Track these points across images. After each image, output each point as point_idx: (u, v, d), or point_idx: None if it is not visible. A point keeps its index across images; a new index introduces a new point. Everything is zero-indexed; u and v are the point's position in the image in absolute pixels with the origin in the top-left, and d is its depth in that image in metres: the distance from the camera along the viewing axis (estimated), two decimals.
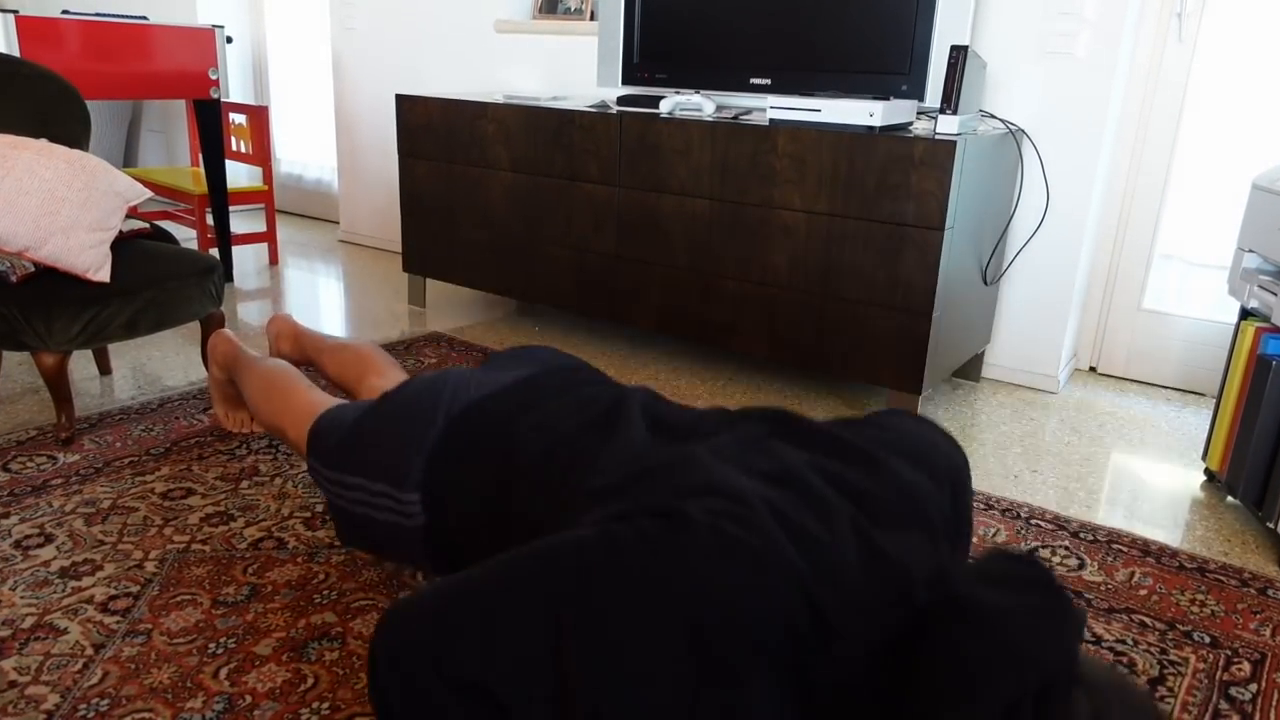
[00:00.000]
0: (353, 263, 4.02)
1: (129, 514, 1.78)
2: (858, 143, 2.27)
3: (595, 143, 2.71)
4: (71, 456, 2.01)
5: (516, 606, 0.91)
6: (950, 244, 2.24)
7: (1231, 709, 1.38)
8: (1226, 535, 1.92)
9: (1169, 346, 2.79)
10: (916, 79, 2.46)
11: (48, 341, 1.96)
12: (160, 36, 3.16)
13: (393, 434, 1.37)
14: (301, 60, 4.85)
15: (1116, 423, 2.52)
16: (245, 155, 3.95)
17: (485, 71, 3.74)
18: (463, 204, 3.10)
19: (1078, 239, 2.64)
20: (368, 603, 1.53)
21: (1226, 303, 2.67)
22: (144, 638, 1.42)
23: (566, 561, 0.92)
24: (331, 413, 1.52)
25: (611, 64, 2.97)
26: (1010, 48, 2.61)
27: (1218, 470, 2.05)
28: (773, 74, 2.68)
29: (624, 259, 2.75)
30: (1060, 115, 2.58)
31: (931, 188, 2.18)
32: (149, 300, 2.09)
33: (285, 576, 1.60)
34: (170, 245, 2.33)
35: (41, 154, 1.99)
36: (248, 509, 1.82)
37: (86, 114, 2.38)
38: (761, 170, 2.42)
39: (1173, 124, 2.66)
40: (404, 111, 3.16)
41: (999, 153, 2.46)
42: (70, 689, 1.30)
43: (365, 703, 1.30)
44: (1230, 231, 2.65)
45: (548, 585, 0.91)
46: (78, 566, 1.60)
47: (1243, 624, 1.59)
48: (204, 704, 1.28)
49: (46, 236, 1.95)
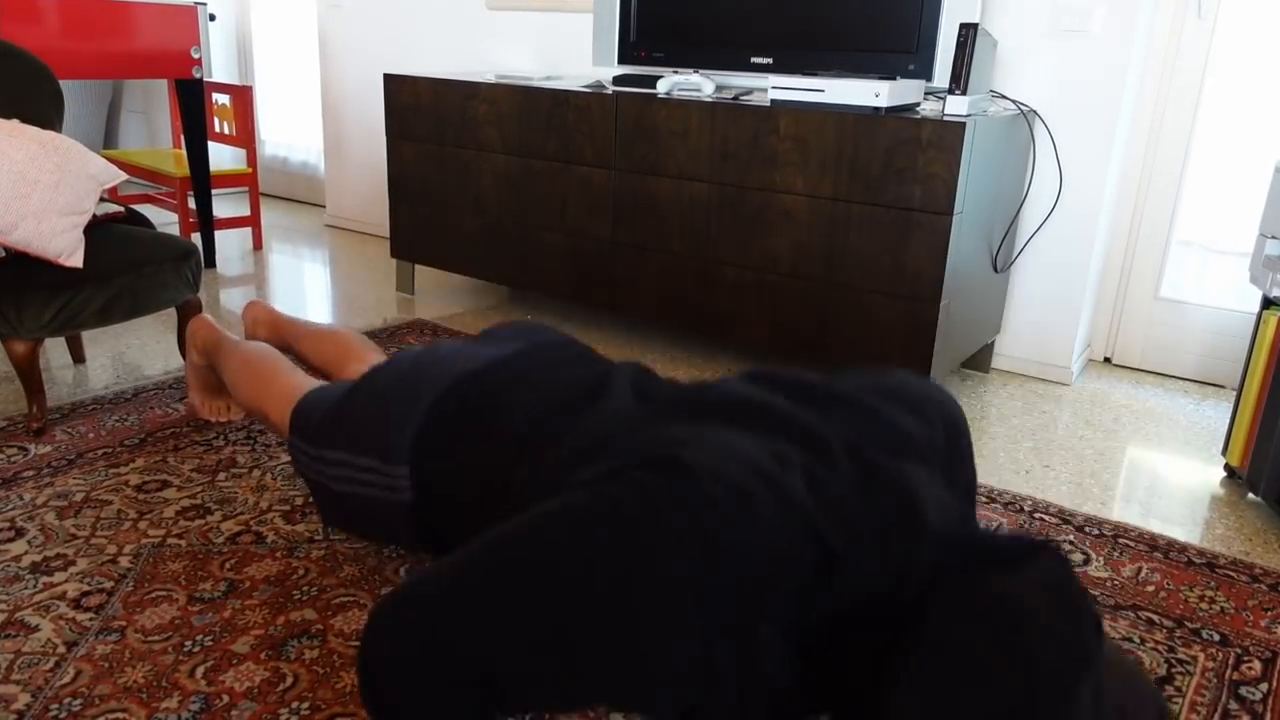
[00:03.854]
0: (339, 248, 4.03)
1: (102, 507, 1.79)
2: (862, 124, 2.27)
3: (590, 124, 2.72)
4: (43, 448, 2.02)
5: (511, 587, 0.90)
6: (959, 229, 2.24)
7: (1241, 709, 1.38)
8: (1248, 534, 1.92)
9: (1187, 337, 2.79)
10: (924, 58, 2.45)
11: (18, 329, 1.97)
12: (140, 14, 3.16)
13: (380, 408, 1.38)
14: (287, 38, 4.85)
15: (1132, 416, 2.52)
16: (228, 137, 3.95)
17: (477, 50, 3.74)
18: (453, 187, 3.10)
19: (1092, 224, 2.64)
20: (349, 599, 1.54)
21: (1248, 291, 2.67)
22: (118, 635, 1.43)
23: (560, 532, 0.92)
24: (315, 392, 1.54)
25: (607, 42, 2.97)
26: (1022, 25, 2.61)
27: (1238, 466, 2.06)
28: (774, 53, 2.68)
29: (620, 245, 2.76)
30: (1074, 96, 2.58)
31: (939, 171, 2.18)
32: (123, 286, 2.10)
33: (264, 572, 1.61)
34: (146, 229, 2.34)
35: (12, 135, 2.00)
36: (225, 502, 1.83)
37: (59, 94, 2.39)
38: (763, 153, 2.43)
39: (1191, 104, 2.65)
40: (392, 92, 3.17)
41: (1010, 135, 2.45)
42: (42, 688, 1.31)
43: (346, 702, 1.31)
44: (1252, 217, 2.64)
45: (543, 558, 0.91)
46: (49, 562, 1.61)
47: (1253, 621, 1.60)
48: (180, 704, 1.29)
49: (17, 221, 1.96)
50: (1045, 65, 2.60)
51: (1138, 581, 1.71)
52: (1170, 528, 1.93)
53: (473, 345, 1.48)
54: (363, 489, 1.37)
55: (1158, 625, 1.57)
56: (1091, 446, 2.31)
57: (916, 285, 2.27)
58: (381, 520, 1.39)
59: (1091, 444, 2.33)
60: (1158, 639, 1.54)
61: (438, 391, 1.35)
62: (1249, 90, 2.60)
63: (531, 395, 1.29)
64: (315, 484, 1.46)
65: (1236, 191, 2.67)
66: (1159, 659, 1.48)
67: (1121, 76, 2.51)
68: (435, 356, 1.43)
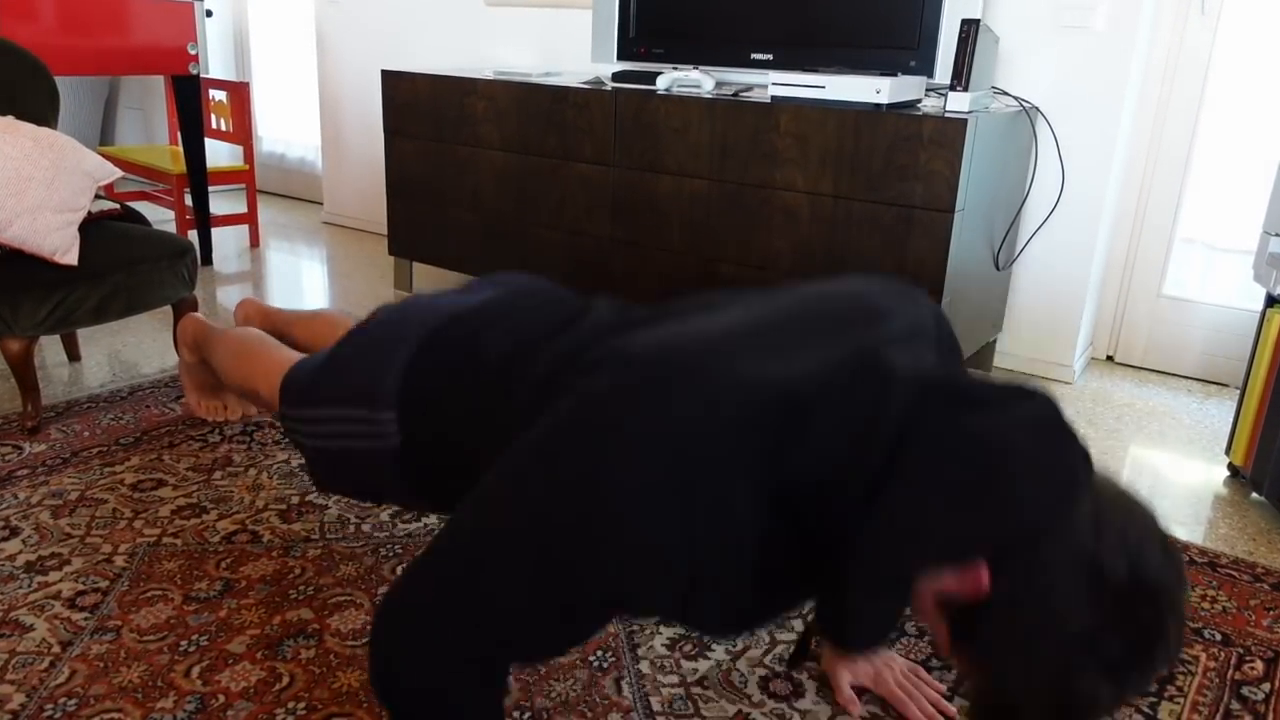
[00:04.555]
0: (337, 245, 4.03)
1: (97, 506, 1.79)
2: (863, 121, 2.27)
3: (589, 121, 2.72)
4: (38, 446, 2.03)
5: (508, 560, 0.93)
6: (960, 227, 2.24)
7: (1244, 709, 1.38)
8: (1251, 534, 1.92)
9: (1190, 335, 2.79)
10: (925, 54, 2.45)
11: (13, 326, 1.97)
12: (136, 9, 3.16)
13: (365, 358, 1.39)
14: (284, 34, 4.85)
15: (1135, 415, 2.52)
16: (225, 133, 3.95)
17: (475, 46, 3.74)
18: (451, 184, 3.10)
19: (1094, 222, 2.64)
20: (345, 598, 1.54)
21: (1251, 289, 2.67)
22: (113, 635, 1.43)
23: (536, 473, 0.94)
24: (302, 361, 1.55)
25: (607, 39, 2.97)
26: (1024, 21, 2.61)
27: (1242, 465, 2.06)
28: (775, 49, 2.68)
29: (619, 242, 2.76)
30: (1077, 92, 2.58)
31: (941, 168, 2.18)
32: (118, 284, 2.10)
33: (260, 571, 1.61)
34: (141, 227, 2.34)
35: (7, 132, 2.00)
36: (221, 501, 1.84)
37: (55, 90, 2.39)
38: (763, 150, 2.43)
39: (1194, 101, 2.65)
40: (390, 88, 3.17)
41: (1012, 132, 2.45)
42: (36, 688, 1.31)
43: (343, 702, 1.31)
44: (1256, 214, 2.64)
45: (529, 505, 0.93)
46: (44, 561, 1.61)
47: (1255, 621, 1.60)
48: (175, 704, 1.29)
49: (12, 218, 1.96)
50: (1047, 61, 2.60)
51: None
52: (1173, 527, 1.93)
53: (456, 293, 1.49)
54: (354, 441, 1.37)
55: None
56: (1094, 445, 2.31)
57: (917, 283, 2.27)
58: (373, 472, 1.39)
59: (1094, 443, 2.33)
60: None
61: (422, 335, 1.36)
62: (1252, 86, 2.60)
63: (514, 323, 1.31)
64: (310, 448, 1.46)
65: (1240, 188, 2.67)
66: None
67: (1124, 73, 2.51)
68: (417, 304, 1.44)
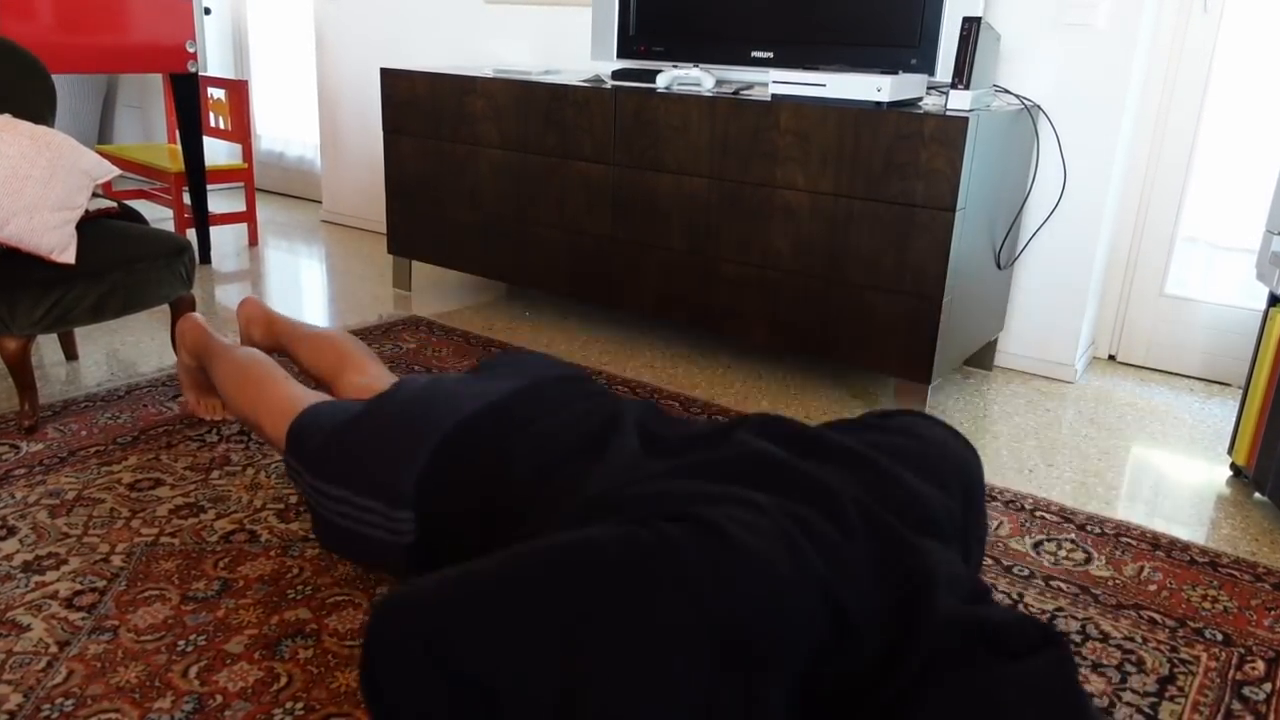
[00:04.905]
0: (336, 244, 4.03)
1: (95, 506, 1.79)
2: (864, 119, 2.27)
3: (589, 119, 2.72)
4: (35, 445, 2.03)
5: (526, 604, 0.90)
6: (961, 225, 2.24)
7: (1245, 709, 1.38)
8: (1254, 534, 1.92)
9: (1192, 334, 2.79)
10: (926, 52, 2.45)
11: (10, 325, 1.97)
12: (134, 7, 3.16)
13: (382, 448, 1.38)
14: (283, 32, 4.85)
15: (1137, 414, 2.52)
16: (224, 132, 3.95)
17: (474, 44, 3.74)
18: (450, 183, 3.10)
19: (1096, 221, 2.64)
20: (343, 598, 1.54)
21: (1254, 288, 2.67)
22: (110, 635, 1.43)
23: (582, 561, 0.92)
24: (313, 410, 1.53)
25: (606, 36, 2.97)
26: (1026, 19, 2.60)
27: (1245, 465, 2.06)
28: (775, 47, 2.68)
29: (619, 241, 2.76)
30: (1079, 90, 2.58)
31: (942, 166, 2.18)
32: (116, 282, 2.10)
33: (258, 571, 1.61)
34: (139, 225, 2.34)
35: (4, 130, 2.00)
36: (219, 500, 1.84)
37: (52, 88, 2.39)
38: (763, 148, 2.43)
39: (1197, 99, 2.65)
40: (389, 86, 3.17)
41: (1013, 130, 2.45)
42: (34, 688, 1.31)
43: (341, 702, 1.31)
44: (1258, 213, 2.64)
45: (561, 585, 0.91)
46: (41, 560, 1.61)
47: (1257, 621, 1.60)
48: (173, 704, 1.29)
49: (9, 216, 1.96)
50: (1049, 59, 2.60)
51: (1139, 581, 1.71)
52: (1175, 527, 1.93)
53: (474, 380, 1.48)
54: (366, 529, 1.38)
55: (1160, 625, 1.57)
56: (1095, 445, 2.31)
57: (919, 282, 2.27)
58: (380, 554, 1.40)
59: (1095, 443, 2.33)
60: (1160, 639, 1.54)
61: (443, 433, 1.36)
62: (1255, 85, 2.60)
63: (538, 440, 1.30)
64: (317, 513, 1.46)
65: (1243, 187, 2.67)
66: (1161, 659, 1.48)
67: (1126, 71, 2.51)
68: (437, 393, 1.43)
